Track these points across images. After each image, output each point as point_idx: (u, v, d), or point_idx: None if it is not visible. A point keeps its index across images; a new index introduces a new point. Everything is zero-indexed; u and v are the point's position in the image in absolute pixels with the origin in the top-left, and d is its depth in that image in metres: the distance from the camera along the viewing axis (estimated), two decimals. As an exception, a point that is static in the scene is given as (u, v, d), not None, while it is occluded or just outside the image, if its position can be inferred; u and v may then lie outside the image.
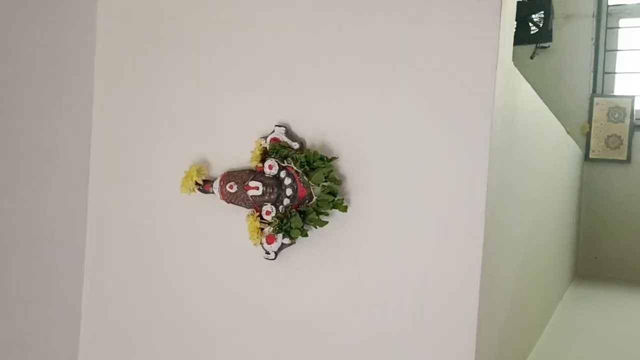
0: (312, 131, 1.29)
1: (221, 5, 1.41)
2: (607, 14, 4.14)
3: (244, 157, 1.33)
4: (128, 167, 1.54)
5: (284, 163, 1.26)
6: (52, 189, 1.49)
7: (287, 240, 1.26)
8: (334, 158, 1.25)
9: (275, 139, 1.29)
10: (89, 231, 1.59)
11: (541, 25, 3.70)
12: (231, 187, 1.30)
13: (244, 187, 1.29)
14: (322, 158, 1.23)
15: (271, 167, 1.27)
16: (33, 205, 1.44)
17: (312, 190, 1.24)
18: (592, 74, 4.10)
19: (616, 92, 4.12)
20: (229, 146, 1.39)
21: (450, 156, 1.16)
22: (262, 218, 1.29)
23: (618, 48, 4.15)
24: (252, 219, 1.29)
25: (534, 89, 1.73)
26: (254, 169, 1.31)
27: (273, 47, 1.34)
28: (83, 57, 1.55)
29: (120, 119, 1.56)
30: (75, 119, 1.54)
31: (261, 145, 1.30)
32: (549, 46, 4.03)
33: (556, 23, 3.96)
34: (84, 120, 1.56)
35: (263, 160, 1.29)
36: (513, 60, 1.34)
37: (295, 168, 1.24)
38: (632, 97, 4.03)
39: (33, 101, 1.43)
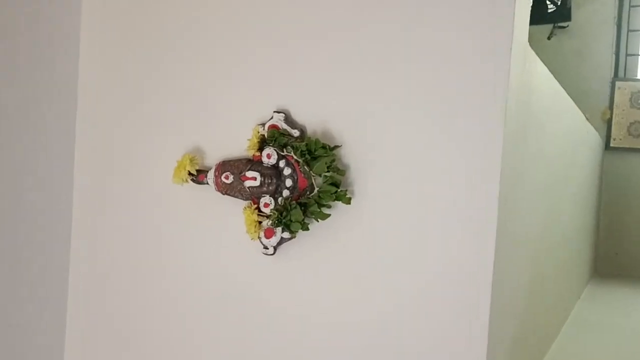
0: (313, 118, 1.27)
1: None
2: (631, -9, 4.09)
3: (241, 145, 1.31)
4: (119, 158, 1.51)
5: (283, 152, 1.24)
6: (37, 183, 1.47)
7: (286, 234, 1.25)
8: (336, 146, 1.23)
9: (273, 126, 1.27)
10: (74, 225, 1.55)
11: (559, 3, 3.63)
12: (227, 177, 1.29)
13: (240, 178, 1.28)
14: (324, 146, 1.21)
15: (269, 156, 1.26)
16: (17, 198, 1.42)
17: (313, 180, 1.23)
18: (613, 56, 4.03)
19: None
20: (224, 134, 1.37)
21: (462, 142, 1.16)
22: (260, 211, 1.28)
23: (642, 28, 4.08)
24: (249, 212, 1.28)
25: (550, 72, 1.71)
26: (251, 158, 1.30)
27: (272, 29, 1.32)
28: (69, 44, 1.52)
29: (109, 108, 1.52)
30: (60, 108, 1.51)
31: (259, 132, 1.28)
32: (567, 26, 3.95)
33: (575, 1, 3.90)
34: (69, 109, 1.53)
35: (261, 149, 1.28)
36: (529, 40, 1.32)
37: (295, 157, 1.23)
38: (657, 81, 3.99)
39: (18, 93, 1.40)
